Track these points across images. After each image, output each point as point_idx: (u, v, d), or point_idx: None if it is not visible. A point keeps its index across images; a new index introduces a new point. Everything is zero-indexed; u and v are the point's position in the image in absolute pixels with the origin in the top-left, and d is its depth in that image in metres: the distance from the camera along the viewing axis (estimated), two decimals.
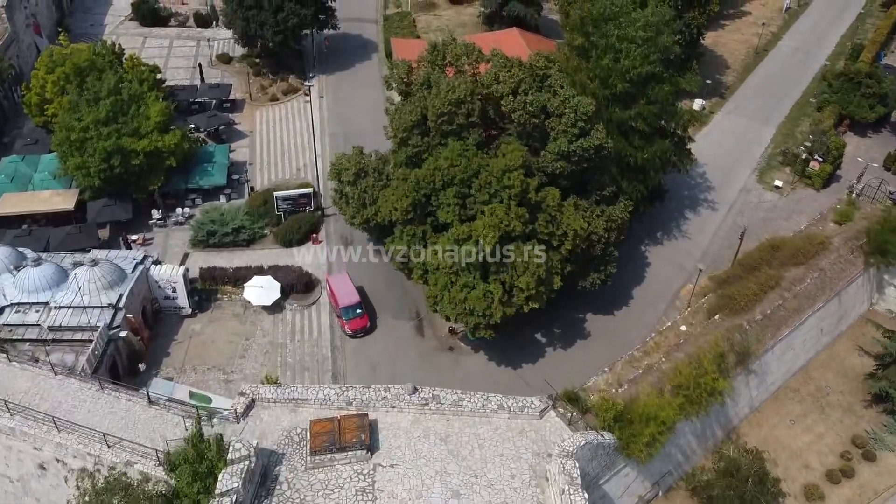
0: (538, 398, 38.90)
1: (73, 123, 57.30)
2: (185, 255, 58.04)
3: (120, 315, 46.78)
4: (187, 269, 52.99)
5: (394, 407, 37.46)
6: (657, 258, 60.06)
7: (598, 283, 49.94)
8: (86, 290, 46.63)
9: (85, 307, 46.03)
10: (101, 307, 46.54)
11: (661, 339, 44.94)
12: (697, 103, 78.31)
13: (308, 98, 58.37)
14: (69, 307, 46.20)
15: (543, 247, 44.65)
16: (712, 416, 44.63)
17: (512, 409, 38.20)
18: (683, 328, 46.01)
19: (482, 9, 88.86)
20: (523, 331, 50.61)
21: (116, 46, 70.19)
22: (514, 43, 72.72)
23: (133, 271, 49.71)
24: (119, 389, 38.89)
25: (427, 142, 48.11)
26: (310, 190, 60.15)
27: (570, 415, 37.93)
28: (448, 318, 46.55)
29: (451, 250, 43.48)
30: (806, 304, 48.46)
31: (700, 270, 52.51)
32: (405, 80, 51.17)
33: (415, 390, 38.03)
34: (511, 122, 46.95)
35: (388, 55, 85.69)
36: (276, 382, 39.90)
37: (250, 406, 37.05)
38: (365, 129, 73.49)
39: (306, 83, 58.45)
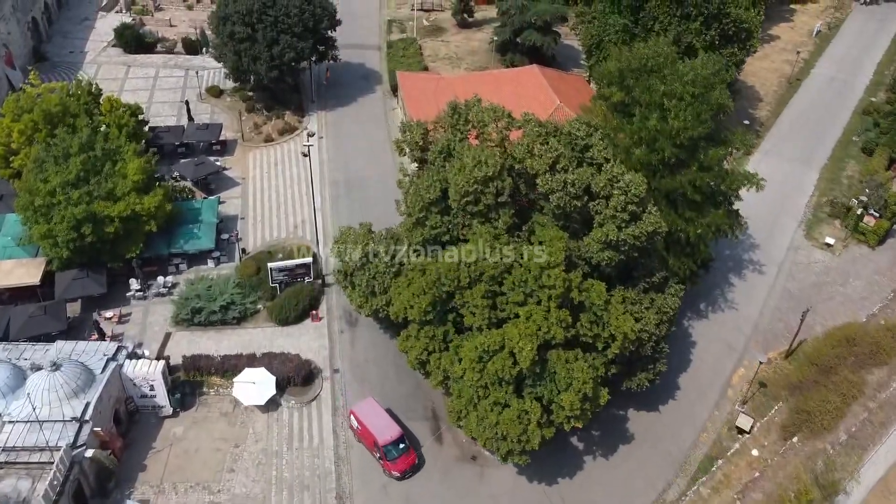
0: None
1: (38, 186, 50.07)
2: (167, 336, 50.85)
3: (86, 429, 39.60)
4: (167, 364, 45.96)
5: None
6: (702, 335, 53.06)
7: (645, 384, 42.97)
8: (45, 400, 39.46)
9: (44, 422, 38.83)
10: (64, 421, 39.36)
11: (731, 468, 38.03)
12: None
13: (308, 155, 51.52)
14: (26, 421, 39.01)
15: (591, 356, 37.68)
16: None
17: None
18: (755, 453, 39.15)
19: (494, 37, 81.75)
20: (557, 435, 43.49)
21: (93, 87, 62.91)
22: (534, 81, 66.00)
23: (104, 370, 42.54)
24: None
25: (448, 221, 41.05)
26: (308, 260, 52.97)
27: None
28: (474, 438, 39.46)
29: (480, 362, 36.41)
30: (894, 415, 41.59)
31: (760, 363, 45.70)
32: (420, 144, 44.00)
33: None
34: (546, 198, 39.87)
35: (394, 89, 78.85)
36: None
37: None
38: (368, 175, 67.04)
39: (306, 143, 51.57)
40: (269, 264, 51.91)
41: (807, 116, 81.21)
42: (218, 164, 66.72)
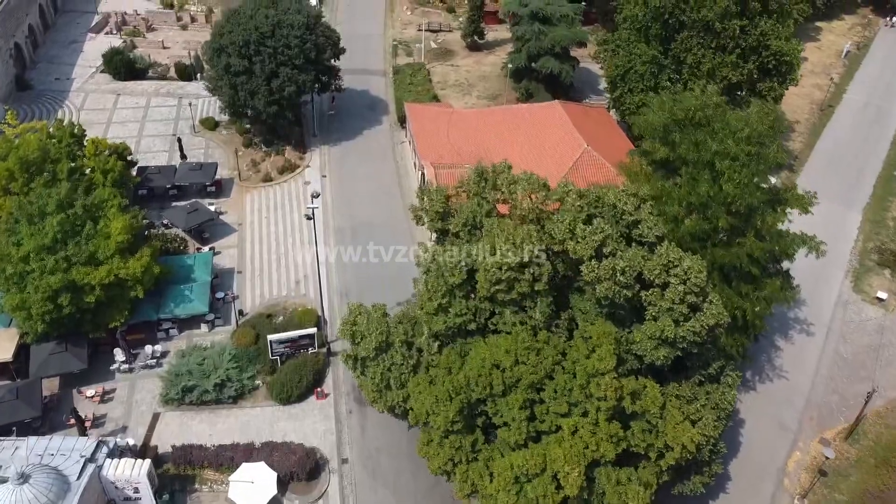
0: None
1: (10, 251, 44.70)
2: (155, 417, 45.50)
3: None
4: (156, 454, 40.81)
5: None
6: (751, 411, 47.82)
7: (700, 490, 37.66)
8: None
9: None
10: None
11: None
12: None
13: (312, 219, 46.22)
14: None
15: (643, 466, 32.41)
16: None
17: None
18: None
19: (509, 64, 76.45)
20: None
21: (76, 127, 57.59)
22: (556, 119, 60.67)
23: (80, 475, 37.12)
24: None
25: (474, 307, 35.71)
26: (313, 331, 47.60)
27: None
28: None
29: (517, 484, 31.12)
30: None
31: (826, 458, 40.50)
32: (441, 213, 38.57)
33: None
34: (589, 284, 34.52)
35: (401, 120, 73.64)
36: None
37: None
38: (376, 220, 62.08)
39: (310, 206, 46.33)
40: (269, 337, 46.54)
41: (843, 148, 76.13)
42: (212, 208, 61.40)
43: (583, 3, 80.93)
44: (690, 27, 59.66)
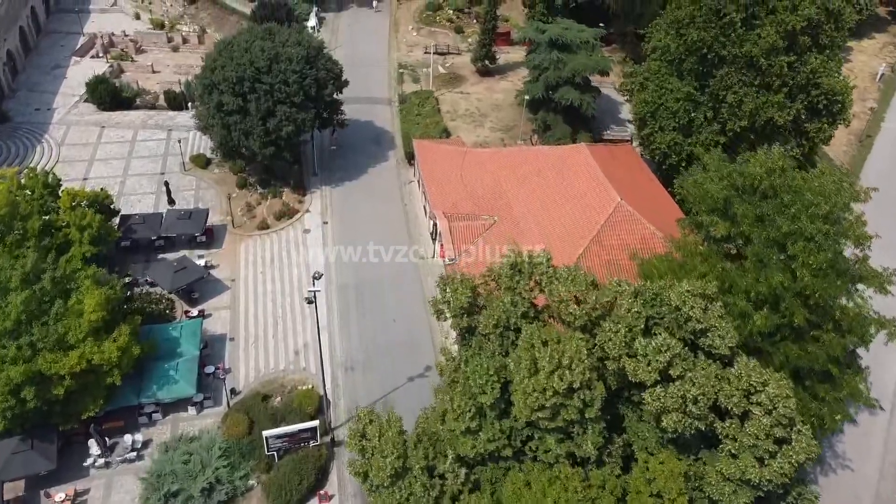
0: None
1: None
2: None
3: None
4: None
5: None
6: None
7: None
8: None
9: None
10: None
11: None
12: None
13: (313, 303, 40.03)
14: None
15: None
16: None
17: None
18: None
19: (526, 95, 70.54)
20: None
21: (49, 176, 51.65)
22: (583, 167, 54.77)
23: None
24: None
25: (510, 427, 29.79)
26: (314, 424, 41.60)
27: None
28: None
29: None
30: None
31: None
32: (466, 308, 32.56)
33: None
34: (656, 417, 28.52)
35: (409, 156, 67.84)
36: None
37: None
38: (383, 275, 56.08)
39: (311, 289, 39.99)
40: (265, 433, 40.51)
41: (887, 186, 69.60)
42: (202, 262, 55.40)
43: (601, 25, 75.57)
44: (731, 62, 53.77)
